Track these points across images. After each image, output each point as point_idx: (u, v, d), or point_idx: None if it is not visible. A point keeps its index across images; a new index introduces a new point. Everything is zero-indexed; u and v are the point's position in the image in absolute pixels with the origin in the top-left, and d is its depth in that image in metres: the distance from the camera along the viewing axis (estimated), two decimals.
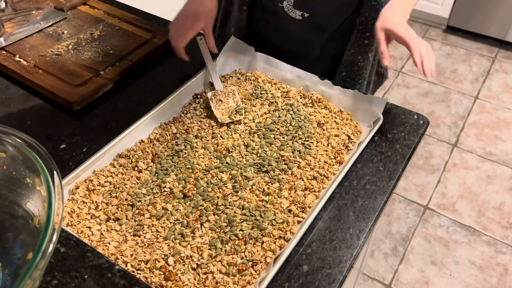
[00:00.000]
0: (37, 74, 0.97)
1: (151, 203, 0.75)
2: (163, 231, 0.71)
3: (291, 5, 0.98)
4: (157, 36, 1.08)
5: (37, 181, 0.48)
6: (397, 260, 1.73)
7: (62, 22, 1.12)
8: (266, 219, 0.72)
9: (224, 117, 0.88)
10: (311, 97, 0.93)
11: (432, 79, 2.50)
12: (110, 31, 1.09)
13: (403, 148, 0.86)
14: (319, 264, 0.68)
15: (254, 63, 1.00)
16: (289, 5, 0.98)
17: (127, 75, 1.00)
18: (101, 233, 0.71)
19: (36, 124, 0.90)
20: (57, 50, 1.03)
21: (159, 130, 0.87)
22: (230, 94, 0.92)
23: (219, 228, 0.71)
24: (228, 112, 0.89)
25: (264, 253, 0.68)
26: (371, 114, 0.88)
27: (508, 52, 2.66)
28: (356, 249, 0.70)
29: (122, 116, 0.92)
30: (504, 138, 2.17)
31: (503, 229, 1.81)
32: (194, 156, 0.82)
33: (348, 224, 0.73)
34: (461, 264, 1.70)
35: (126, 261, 0.67)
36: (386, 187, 0.79)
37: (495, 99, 2.38)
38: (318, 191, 0.77)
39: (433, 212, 1.88)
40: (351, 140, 0.85)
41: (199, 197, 0.75)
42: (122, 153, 0.82)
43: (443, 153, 2.11)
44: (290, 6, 0.98)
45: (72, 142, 0.86)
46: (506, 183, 1.98)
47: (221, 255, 0.68)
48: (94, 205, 0.75)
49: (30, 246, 0.50)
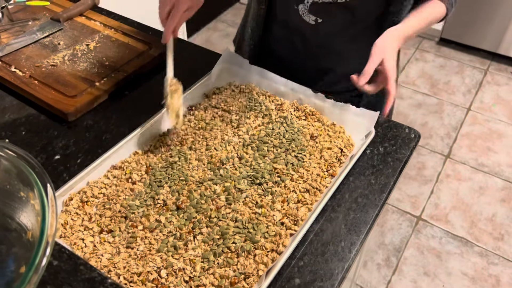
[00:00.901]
0: (33, 84, 0.97)
1: (144, 215, 0.75)
2: (156, 243, 0.72)
3: (306, 9, 0.99)
4: (153, 48, 1.09)
5: (31, 195, 0.49)
6: (390, 271, 1.73)
7: (58, 33, 1.13)
8: (259, 231, 0.72)
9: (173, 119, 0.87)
10: (304, 110, 0.94)
11: (426, 90, 2.53)
12: (106, 42, 1.10)
13: (395, 161, 0.87)
14: (311, 277, 0.69)
15: (248, 75, 1.01)
16: (304, 8, 0.99)
17: (122, 86, 1.01)
18: (94, 245, 0.71)
19: (30, 135, 0.90)
20: (53, 61, 1.04)
21: (153, 142, 0.87)
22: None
23: (212, 240, 0.72)
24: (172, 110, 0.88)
25: (257, 266, 0.68)
26: (363, 127, 0.89)
27: (500, 64, 2.70)
28: (347, 262, 0.71)
29: (117, 127, 0.92)
30: (496, 150, 2.19)
31: (495, 240, 1.82)
32: (188, 168, 0.83)
33: (340, 237, 0.74)
34: (454, 275, 1.71)
35: (118, 273, 0.67)
36: (378, 200, 0.80)
37: (487, 111, 2.41)
38: (311, 204, 0.77)
39: (426, 223, 1.89)
40: (344, 153, 0.86)
41: (192, 209, 0.76)
42: (116, 165, 0.83)
43: (436, 164, 2.13)
44: (306, 10, 0.99)
45: (66, 153, 0.87)
46: (498, 194, 1.99)
47: (213, 267, 0.68)
48: (88, 216, 0.75)
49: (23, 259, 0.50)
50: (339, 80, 1.09)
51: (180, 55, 1.12)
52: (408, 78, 2.61)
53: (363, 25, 1.00)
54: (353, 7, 0.96)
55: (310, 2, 0.97)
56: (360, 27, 1.01)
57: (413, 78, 2.61)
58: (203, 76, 0.99)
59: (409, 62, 2.72)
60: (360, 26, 1.01)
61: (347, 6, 0.96)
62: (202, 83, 0.98)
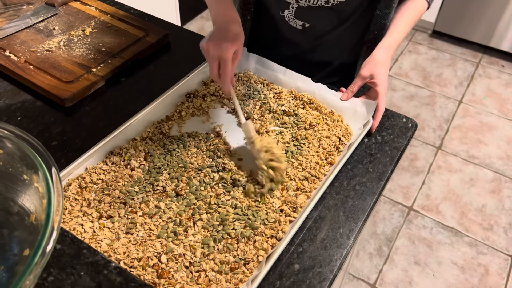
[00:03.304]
0: (28, 70, 0.96)
1: (143, 201, 0.75)
2: (156, 229, 0.72)
3: (292, 14, 0.98)
4: (150, 35, 1.08)
5: (34, 178, 0.48)
6: (381, 260, 1.75)
7: (53, 18, 1.11)
8: (258, 218, 0.73)
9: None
10: (302, 98, 0.94)
11: (418, 83, 2.55)
12: (102, 28, 1.09)
13: (392, 150, 0.87)
14: (310, 263, 0.69)
15: (246, 63, 1.00)
16: (290, 14, 0.99)
17: (119, 73, 1.00)
18: (93, 231, 0.71)
19: (27, 121, 0.89)
20: (48, 46, 1.02)
21: (151, 129, 0.87)
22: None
23: (212, 226, 0.72)
24: None
25: (256, 251, 0.69)
26: (362, 116, 0.90)
27: (492, 57, 2.73)
28: (346, 248, 0.71)
29: (114, 113, 0.92)
30: (486, 142, 2.22)
31: (485, 230, 1.86)
32: (186, 155, 0.83)
33: (339, 224, 0.75)
34: (444, 264, 1.74)
35: (119, 259, 0.67)
36: (376, 188, 0.81)
37: (479, 104, 2.43)
38: (310, 192, 0.78)
39: (417, 213, 1.91)
40: (342, 142, 0.87)
41: (192, 196, 0.76)
42: (115, 151, 0.82)
43: (427, 156, 2.15)
44: (291, 15, 0.99)
45: (63, 139, 0.86)
46: (488, 186, 2.02)
47: (213, 253, 0.69)
48: (86, 202, 0.75)
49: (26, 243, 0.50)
50: (336, 71, 1.10)
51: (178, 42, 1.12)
52: (401, 70, 2.62)
53: (350, 22, 1.01)
54: (340, 9, 0.96)
55: (295, 7, 0.97)
56: (348, 24, 1.01)
57: (406, 70, 2.62)
58: (201, 63, 0.99)
59: (402, 54, 2.74)
60: (348, 23, 1.01)
61: (334, 9, 0.96)
62: (200, 70, 0.98)
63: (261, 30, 1.07)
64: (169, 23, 1.19)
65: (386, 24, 0.97)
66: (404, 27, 0.95)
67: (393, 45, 0.92)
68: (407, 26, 0.95)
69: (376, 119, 0.88)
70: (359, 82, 0.90)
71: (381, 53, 0.90)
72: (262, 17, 1.04)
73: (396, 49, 0.94)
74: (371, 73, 0.89)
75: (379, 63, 0.89)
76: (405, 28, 0.95)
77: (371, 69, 0.89)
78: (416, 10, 0.97)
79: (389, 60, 0.91)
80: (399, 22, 0.95)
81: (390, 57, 0.91)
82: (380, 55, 0.90)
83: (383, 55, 0.90)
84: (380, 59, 0.90)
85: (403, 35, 0.95)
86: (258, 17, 1.05)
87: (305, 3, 0.94)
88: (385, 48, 0.91)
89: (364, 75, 0.89)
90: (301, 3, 0.95)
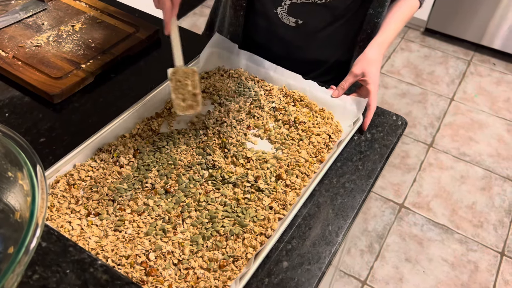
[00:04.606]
0: (16, 65, 0.95)
1: (132, 198, 0.75)
2: (145, 226, 0.71)
3: (285, 11, 0.98)
4: (140, 31, 1.07)
5: (19, 175, 0.48)
6: (372, 257, 1.76)
7: (42, 13, 1.10)
8: (248, 215, 0.73)
9: (180, 107, 0.80)
10: (293, 96, 0.94)
11: (410, 80, 2.56)
12: (91, 23, 1.08)
13: (382, 147, 0.88)
14: (298, 260, 0.69)
15: (237, 60, 1.00)
16: (283, 11, 0.98)
17: (109, 69, 0.99)
18: (81, 228, 0.70)
19: (14, 117, 0.88)
20: (37, 42, 1.01)
21: (141, 125, 0.86)
22: (189, 75, 0.81)
23: (201, 224, 0.72)
24: (185, 100, 0.81)
25: (245, 249, 0.69)
26: (352, 114, 0.90)
27: (483, 55, 2.74)
28: (335, 246, 0.72)
29: (103, 110, 0.91)
30: (477, 140, 2.24)
31: (475, 227, 1.87)
32: (176, 152, 0.82)
33: (328, 221, 0.75)
34: (434, 261, 1.75)
35: (106, 256, 0.67)
36: (365, 186, 0.81)
37: (470, 101, 2.45)
38: (299, 189, 0.78)
39: (408, 210, 1.92)
40: (332, 139, 0.87)
41: (181, 193, 0.76)
42: (104, 148, 0.82)
43: (419, 153, 2.16)
44: (284, 12, 0.98)
45: (52, 136, 0.85)
46: (478, 183, 2.04)
47: (202, 251, 0.69)
48: (74, 199, 0.74)
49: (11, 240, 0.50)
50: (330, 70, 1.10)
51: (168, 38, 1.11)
52: (393, 68, 2.63)
53: (344, 20, 1.01)
54: (333, 6, 0.96)
55: (288, 3, 0.96)
56: (342, 22, 1.01)
57: (398, 68, 2.63)
58: (191, 60, 0.98)
59: (395, 52, 2.74)
60: (342, 21, 1.01)
61: (327, 6, 0.96)
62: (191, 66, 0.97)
63: (254, 28, 1.07)
64: (159, 19, 1.18)
65: (379, 23, 0.97)
66: (396, 25, 0.95)
67: (385, 43, 0.92)
68: (399, 25, 0.96)
69: (368, 117, 0.88)
70: (350, 79, 0.90)
71: (373, 51, 0.90)
72: (255, 14, 1.04)
73: (388, 47, 0.94)
74: (362, 71, 0.89)
75: (371, 61, 0.89)
76: (397, 27, 0.95)
77: (363, 67, 0.89)
78: (408, 8, 0.97)
79: (381, 58, 0.91)
80: (392, 20, 0.95)
81: (382, 55, 0.91)
82: (372, 53, 0.90)
83: (375, 53, 0.90)
84: (372, 57, 0.90)
85: (395, 33, 0.95)
86: (251, 14, 1.04)
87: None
88: (377, 46, 0.91)
89: (355, 73, 0.89)
90: (294, 0, 0.94)
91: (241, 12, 1.03)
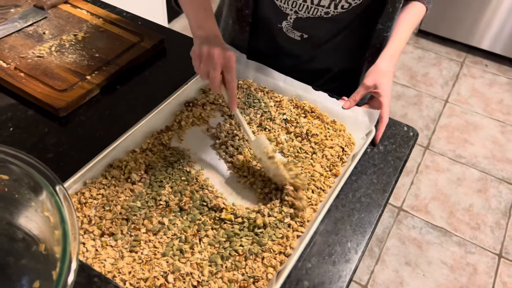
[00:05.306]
0: (19, 77, 0.92)
1: (146, 217, 0.73)
2: (161, 246, 0.70)
3: (290, 25, 0.97)
4: (144, 40, 1.05)
5: (44, 206, 0.46)
6: (373, 261, 1.77)
7: (43, 22, 1.07)
8: (266, 234, 0.71)
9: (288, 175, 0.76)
10: (304, 107, 0.93)
11: (405, 82, 2.57)
12: (94, 32, 1.05)
13: (395, 160, 0.87)
14: (319, 279, 0.68)
15: (246, 71, 0.99)
16: (288, 25, 0.97)
17: (114, 80, 0.97)
18: (96, 249, 0.68)
19: (19, 131, 0.86)
20: (39, 52, 0.98)
21: (151, 140, 0.84)
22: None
23: (218, 243, 0.70)
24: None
25: (265, 269, 0.68)
26: (364, 125, 0.89)
27: (475, 57, 2.76)
28: (355, 263, 0.71)
29: (111, 123, 0.89)
30: (472, 142, 2.25)
31: (472, 230, 1.89)
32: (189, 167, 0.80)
33: (346, 238, 0.74)
34: (434, 264, 1.76)
35: (124, 279, 0.65)
36: (381, 200, 0.80)
37: (464, 103, 2.47)
38: (316, 204, 0.77)
39: (407, 213, 1.93)
40: (345, 152, 0.86)
41: (196, 211, 0.74)
42: (114, 164, 0.80)
43: (416, 156, 2.17)
44: (289, 26, 0.97)
45: (59, 151, 0.83)
46: (475, 185, 2.06)
47: (222, 271, 0.67)
48: (87, 219, 0.72)
49: (34, 273, 0.48)
50: (336, 78, 1.09)
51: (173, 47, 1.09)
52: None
53: (349, 31, 0.99)
54: (339, 19, 0.95)
55: (293, 18, 0.95)
56: (347, 33, 0.99)
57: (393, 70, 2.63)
58: None
59: None
60: (347, 31, 0.99)
61: (333, 19, 0.94)
62: (199, 77, 0.95)
63: (259, 42, 1.05)
64: (163, 27, 1.16)
65: (388, 36, 0.96)
66: (405, 33, 0.94)
67: (396, 54, 0.91)
68: (408, 33, 0.95)
69: (380, 130, 0.88)
70: (362, 91, 0.90)
71: (385, 62, 0.89)
72: (260, 28, 1.02)
73: (399, 57, 0.93)
74: (374, 82, 0.88)
75: (383, 73, 0.88)
76: (407, 35, 0.95)
77: (375, 79, 0.88)
78: (416, 15, 0.97)
79: (392, 69, 0.91)
80: (401, 29, 0.94)
81: (393, 66, 0.91)
82: (384, 64, 0.89)
83: (386, 64, 0.89)
84: (384, 68, 0.89)
85: (404, 42, 0.94)
86: (256, 29, 1.03)
87: (304, 14, 0.93)
88: (389, 57, 0.90)
89: (367, 85, 0.89)
90: (300, 14, 0.93)
91: (247, 28, 1.01)
